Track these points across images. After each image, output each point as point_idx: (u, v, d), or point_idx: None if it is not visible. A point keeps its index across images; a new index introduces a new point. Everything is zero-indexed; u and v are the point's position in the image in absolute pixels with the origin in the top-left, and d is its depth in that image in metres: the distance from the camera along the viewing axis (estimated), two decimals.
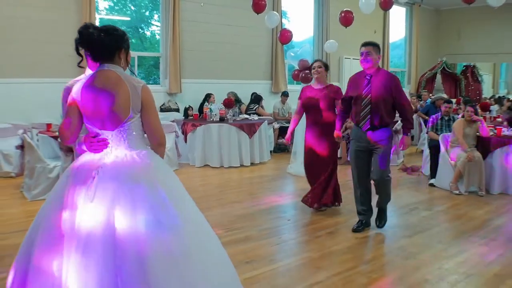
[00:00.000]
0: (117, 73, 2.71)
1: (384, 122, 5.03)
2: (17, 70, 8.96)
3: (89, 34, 2.71)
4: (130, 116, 2.65)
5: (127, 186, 2.49)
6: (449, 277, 4.06)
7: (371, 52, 5.04)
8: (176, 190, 2.65)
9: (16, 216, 5.85)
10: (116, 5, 11.94)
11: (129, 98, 2.63)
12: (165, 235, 2.43)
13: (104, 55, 2.76)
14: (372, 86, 5.01)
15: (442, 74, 18.12)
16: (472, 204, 6.59)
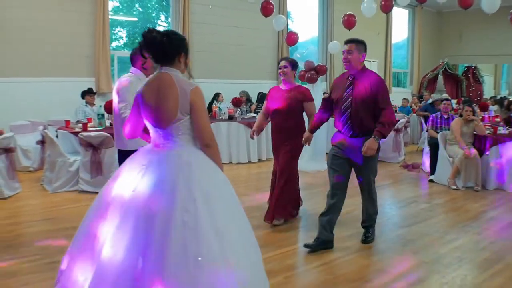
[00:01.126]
0: (171, 76, 2.94)
1: (366, 129, 4.51)
2: (34, 69, 9.36)
3: (152, 38, 2.92)
4: (179, 118, 2.90)
5: (168, 177, 2.79)
6: (444, 259, 4.47)
7: (353, 50, 4.57)
8: (210, 190, 2.81)
9: (39, 207, 6.25)
10: (122, 6, 12.24)
11: (178, 101, 2.88)
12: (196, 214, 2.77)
13: (164, 58, 3.00)
14: (354, 88, 4.54)
15: (444, 75, 18.45)
16: (468, 198, 6.98)
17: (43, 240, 4.87)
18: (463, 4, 8.55)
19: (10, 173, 6.71)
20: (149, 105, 2.97)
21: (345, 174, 4.67)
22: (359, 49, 4.59)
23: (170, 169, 2.81)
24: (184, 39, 3.10)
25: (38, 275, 3.97)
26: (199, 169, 2.83)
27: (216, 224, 2.68)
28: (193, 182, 2.75)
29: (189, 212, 2.65)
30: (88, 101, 8.94)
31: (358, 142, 4.51)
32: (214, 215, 2.71)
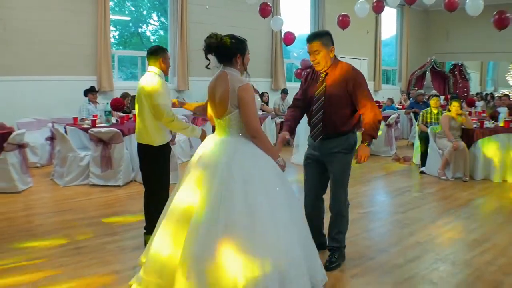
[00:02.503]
0: (227, 75, 3.35)
1: (339, 131, 4.03)
2: (38, 68, 9.65)
3: (210, 42, 3.38)
4: (230, 111, 3.32)
5: (214, 159, 3.27)
6: (437, 240, 4.93)
7: (319, 49, 3.96)
8: (250, 173, 3.20)
9: (53, 200, 6.57)
10: (115, 5, 12.49)
11: (228, 96, 3.30)
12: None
13: (223, 58, 3.42)
14: (326, 87, 4.00)
15: (432, 72, 18.92)
16: (457, 187, 7.43)
17: (65, 229, 5.20)
18: (449, 7, 9.01)
19: (23, 168, 7.01)
20: (211, 99, 3.45)
21: (319, 180, 4.26)
22: (326, 44, 3.98)
23: (217, 153, 3.29)
24: (242, 41, 3.45)
25: (68, 259, 4.32)
26: (242, 155, 3.25)
27: (249, 202, 3.08)
28: (234, 165, 3.17)
29: (227, 190, 3.08)
30: (91, 99, 9.26)
31: (333, 145, 4.05)
32: (249, 194, 3.10)
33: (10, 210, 5.92)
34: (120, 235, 4.97)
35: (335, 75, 3.98)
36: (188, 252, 3.06)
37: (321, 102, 4.01)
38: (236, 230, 3.04)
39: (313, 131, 4.14)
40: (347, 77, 3.95)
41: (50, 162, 8.52)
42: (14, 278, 3.90)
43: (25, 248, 4.60)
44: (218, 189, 3.11)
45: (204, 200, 3.13)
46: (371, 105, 3.95)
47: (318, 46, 3.95)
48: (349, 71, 3.99)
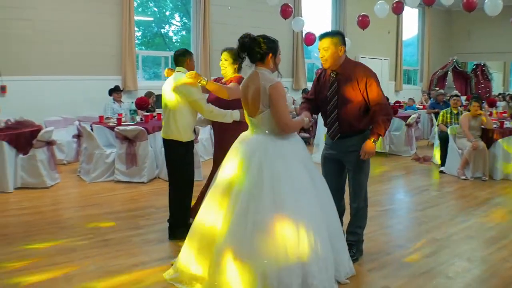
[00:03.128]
0: (258, 74, 3.52)
1: (354, 129, 4.11)
2: (64, 68, 9.96)
3: (243, 43, 3.54)
4: (262, 109, 3.49)
5: (246, 157, 3.47)
6: (454, 237, 5.01)
7: (328, 46, 4.00)
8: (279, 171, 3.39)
9: (80, 195, 6.81)
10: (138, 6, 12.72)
11: (260, 96, 3.48)
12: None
13: (255, 58, 3.58)
14: (339, 87, 4.07)
15: (453, 72, 18.86)
16: (476, 187, 7.47)
17: (92, 222, 5.41)
18: (467, 7, 9.05)
19: (51, 164, 7.26)
20: (244, 98, 3.63)
21: (337, 179, 4.32)
22: (335, 43, 4.01)
23: (249, 151, 3.48)
24: (273, 41, 3.62)
25: (95, 251, 4.52)
26: (273, 153, 3.43)
27: (276, 198, 3.26)
28: (265, 163, 3.36)
29: (256, 187, 3.28)
30: (115, 98, 9.51)
31: (349, 143, 4.13)
32: (277, 191, 3.30)
33: (40, 205, 6.17)
34: (145, 229, 5.15)
35: (346, 75, 4.04)
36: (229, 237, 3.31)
37: (335, 102, 4.09)
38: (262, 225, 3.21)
39: (330, 130, 4.22)
40: (358, 76, 4.00)
41: (76, 159, 8.78)
42: (46, 267, 4.10)
43: (56, 240, 4.81)
44: (249, 188, 3.31)
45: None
46: (381, 103, 4.01)
47: (328, 43, 4.01)
48: (360, 70, 4.06)
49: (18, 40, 9.32)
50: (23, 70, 9.42)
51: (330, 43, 4.00)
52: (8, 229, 5.19)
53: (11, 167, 6.79)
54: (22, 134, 7.00)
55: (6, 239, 4.83)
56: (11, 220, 5.54)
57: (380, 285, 3.76)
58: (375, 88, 4.01)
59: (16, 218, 5.61)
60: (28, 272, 3.98)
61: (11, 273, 3.97)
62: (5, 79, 9.22)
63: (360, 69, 4.08)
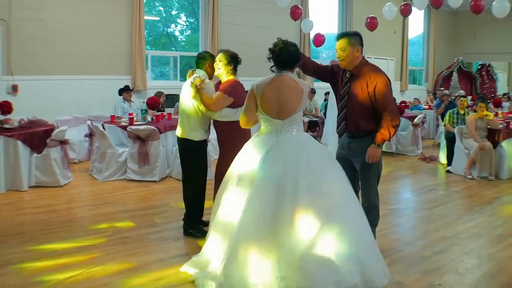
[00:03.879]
0: (293, 78, 3.69)
1: (363, 131, 4.18)
2: (75, 68, 10.10)
3: (290, 50, 3.70)
4: (297, 111, 3.65)
5: (285, 156, 3.59)
6: (463, 235, 5.14)
7: (345, 46, 4.11)
8: (316, 166, 3.57)
9: (93, 193, 6.93)
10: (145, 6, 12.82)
11: (301, 98, 3.66)
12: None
13: (289, 64, 3.74)
14: (351, 86, 4.18)
15: (459, 72, 18.94)
16: (483, 186, 7.59)
17: (107, 220, 5.54)
18: (475, 9, 9.16)
19: (65, 163, 7.38)
20: (271, 101, 3.68)
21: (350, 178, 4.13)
22: (352, 44, 4.11)
23: (288, 150, 3.61)
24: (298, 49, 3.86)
25: (113, 248, 4.65)
26: (310, 149, 3.65)
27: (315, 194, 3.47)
28: (302, 159, 3.54)
29: (293, 183, 3.43)
30: (125, 98, 9.64)
31: (357, 145, 4.21)
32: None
33: (55, 203, 6.29)
34: (161, 227, 5.28)
35: (360, 76, 4.12)
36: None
37: (345, 101, 4.21)
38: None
39: (338, 127, 4.36)
40: (369, 79, 4.07)
41: (88, 158, 8.92)
42: (67, 265, 4.23)
43: (74, 238, 4.94)
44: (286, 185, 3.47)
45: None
46: (389, 109, 4.04)
47: (345, 44, 4.10)
48: (373, 73, 4.11)
49: (29, 40, 9.47)
50: (34, 70, 9.57)
51: (347, 43, 4.10)
52: (24, 227, 5.31)
53: (25, 166, 6.92)
54: (36, 133, 7.13)
55: (24, 237, 4.95)
56: (27, 218, 5.68)
57: (393, 280, 3.88)
58: (384, 93, 4.04)
59: (31, 216, 5.73)
60: (49, 270, 4.10)
61: (32, 272, 4.08)
62: (17, 79, 9.37)
63: (373, 72, 4.12)
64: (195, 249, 4.42)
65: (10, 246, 4.67)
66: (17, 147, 6.80)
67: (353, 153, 4.22)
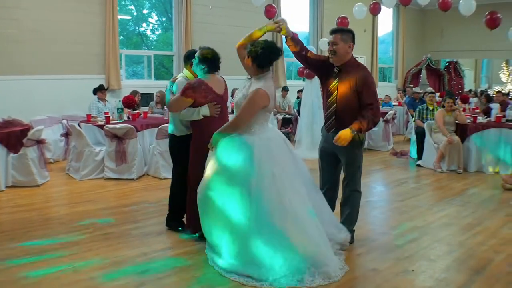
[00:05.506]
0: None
1: (350, 124, 4.23)
2: (48, 68, 10.04)
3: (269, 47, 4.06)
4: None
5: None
6: (433, 224, 5.39)
7: (338, 41, 4.26)
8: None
9: (72, 192, 6.95)
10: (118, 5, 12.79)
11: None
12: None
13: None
14: (339, 82, 4.33)
15: (427, 69, 19.35)
16: (452, 179, 7.89)
17: (89, 218, 5.58)
18: (443, 7, 9.47)
19: (41, 162, 7.38)
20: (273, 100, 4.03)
21: (333, 171, 4.63)
22: (344, 39, 4.28)
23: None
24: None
25: (96, 244, 4.72)
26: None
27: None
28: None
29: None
30: (100, 97, 9.63)
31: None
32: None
33: (34, 202, 6.31)
34: (143, 222, 5.37)
35: (348, 73, 4.28)
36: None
37: (334, 97, 4.34)
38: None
39: (326, 123, 4.48)
40: (357, 76, 4.24)
41: (64, 158, 8.93)
42: (52, 260, 4.30)
43: (57, 234, 5.00)
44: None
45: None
46: (374, 106, 4.24)
47: (337, 39, 4.26)
48: (360, 70, 4.31)
49: (3, 39, 9.37)
50: (8, 69, 9.47)
51: (340, 38, 4.26)
52: (6, 226, 5.32)
53: (2, 166, 6.89)
54: (13, 133, 7.09)
55: (7, 235, 4.98)
56: (7, 217, 5.67)
57: (369, 267, 4.08)
58: (371, 92, 4.27)
59: (11, 215, 5.73)
60: (35, 266, 4.16)
61: (18, 267, 4.13)
62: None
63: (361, 71, 4.32)
64: (178, 243, 4.55)
65: None
66: None
67: (339, 146, 4.26)
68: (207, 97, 4.48)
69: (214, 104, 4.53)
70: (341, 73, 4.33)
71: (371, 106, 4.22)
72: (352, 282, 3.81)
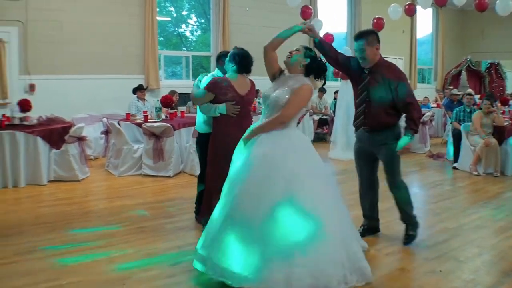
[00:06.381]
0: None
1: (382, 124, 4.41)
2: (90, 68, 10.38)
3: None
4: None
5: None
6: (465, 226, 5.36)
7: (364, 47, 4.31)
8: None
9: (111, 187, 7.23)
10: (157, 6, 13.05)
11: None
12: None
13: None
14: (369, 82, 4.38)
15: (467, 71, 18.98)
16: (488, 182, 7.78)
17: (126, 212, 5.81)
18: (479, 7, 9.36)
19: (82, 158, 7.67)
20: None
21: (371, 169, 4.73)
22: (371, 43, 4.33)
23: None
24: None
25: (132, 236, 4.92)
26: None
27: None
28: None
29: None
30: (139, 97, 9.91)
31: (381, 137, 4.43)
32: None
33: (74, 196, 6.59)
34: (177, 217, 5.54)
35: (379, 74, 4.33)
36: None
37: (364, 96, 4.41)
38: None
39: (355, 121, 4.57)
40: (390, 77, 4.29)
41: (103, 154, 9.23)
42: (89, 251, 4.52)
43: (95, 227, 5.22)
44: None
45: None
46: (414, 103, 4.31)
47: (364, 44, 4.31)
48: (392, 72, 4.36)
49: (46, 40, 9.74)
50: (50, 69, 9.85)
51: (365, 43, 4.31)
52: (47, 217, 5.58)
53: (45, 161, 7.21)
54: (55, 130, 7.42)
55: (48, 226, 5.24)
56: (49, 210, 5.94)
57: (397, 266, 4.12)
58: (407, 89, 4.33)
59: (53, 208, 6.00)
60: (73, 255, 4.39)
61: (57, 256, 4.37)
62: (34, 78, 9.65)
63: (392, 70, 4.38)
64: None
65: (34, 235, 4.95)
66: (37, 143, 7.09)
67: (377, 145, 4.43)
68: (227, 95, 4.60)
69: (233, 104, 4.63)
70: (372, 73, 4.37)
71: (411, 105, 4.29)
72: (378, 280, 3.84)
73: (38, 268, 4.09)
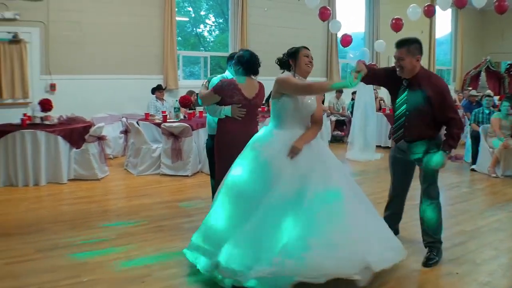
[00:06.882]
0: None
1: (423, 136, 4.20)
2: (109, 68, 10.50)
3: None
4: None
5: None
6: (482, 229, 5.36)
7: (404, 56, 4.07)
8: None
9: (129, 186, 7.35)
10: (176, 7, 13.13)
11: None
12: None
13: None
14: (409, 94, 4.15)
15: (487, 72, 18.80)
16: (506, 184, 7.73)
17: (144, 211, 5.91)
18: (499, 9, 9.32)
19: (101, 158, 7.80)
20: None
21: (406, 178, 4.64)
22: (412, 53, 4.06)
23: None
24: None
25: (150, 235, 5.01)
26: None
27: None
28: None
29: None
30: (158, 97, 10.03)
31: (420, 149, 4.23)
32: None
33: (93, 195, 6.72)
34: (196, 217, 5.58)
35: (419, 86, 4.07)
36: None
37: (403, 110, 4.20)
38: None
39: (395, 134, 4.38)
40: (433, 90, 4.05)
41: (123, 154, 9.36)
42: (109, 248, 4.62)
43: (114, 225, 5.34)
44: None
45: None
46: (456, 117, 4.07)
47: (403, 53, 4.07)
48: (433, 82, 4.11)
49: (66, 41, 9.89)
50: (71, 70, 9.99)
51: (407, 52, 4.07)
52: (67, 215, 5.72)
53: (65, 160, 7.35)
54: (75, 129, 7.56)
55: (68, 224, 5.37)
56: (69, 208, 6.09)
57: (413, 268, 4.14)
58: (449, 103, 4.12)
59: (72, 206, 6.14)
60: (93, 252, 4.49)
61: (77, 253, 4.47)
62: (55, 78, 9.80)
63: (434, 82, 4.13)
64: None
65: (55, 232, 5.07)
66: (57, 142, 7.23)
67: (415, 156, 4.28)
68: (233, 97, 4.63)
69: (239, 107, 4.66)
70: (411, 85, 4.16)
71: (454, 121, 4.07)
72: (393, 281, 3.88)
73: (58, 265, 4.19)
